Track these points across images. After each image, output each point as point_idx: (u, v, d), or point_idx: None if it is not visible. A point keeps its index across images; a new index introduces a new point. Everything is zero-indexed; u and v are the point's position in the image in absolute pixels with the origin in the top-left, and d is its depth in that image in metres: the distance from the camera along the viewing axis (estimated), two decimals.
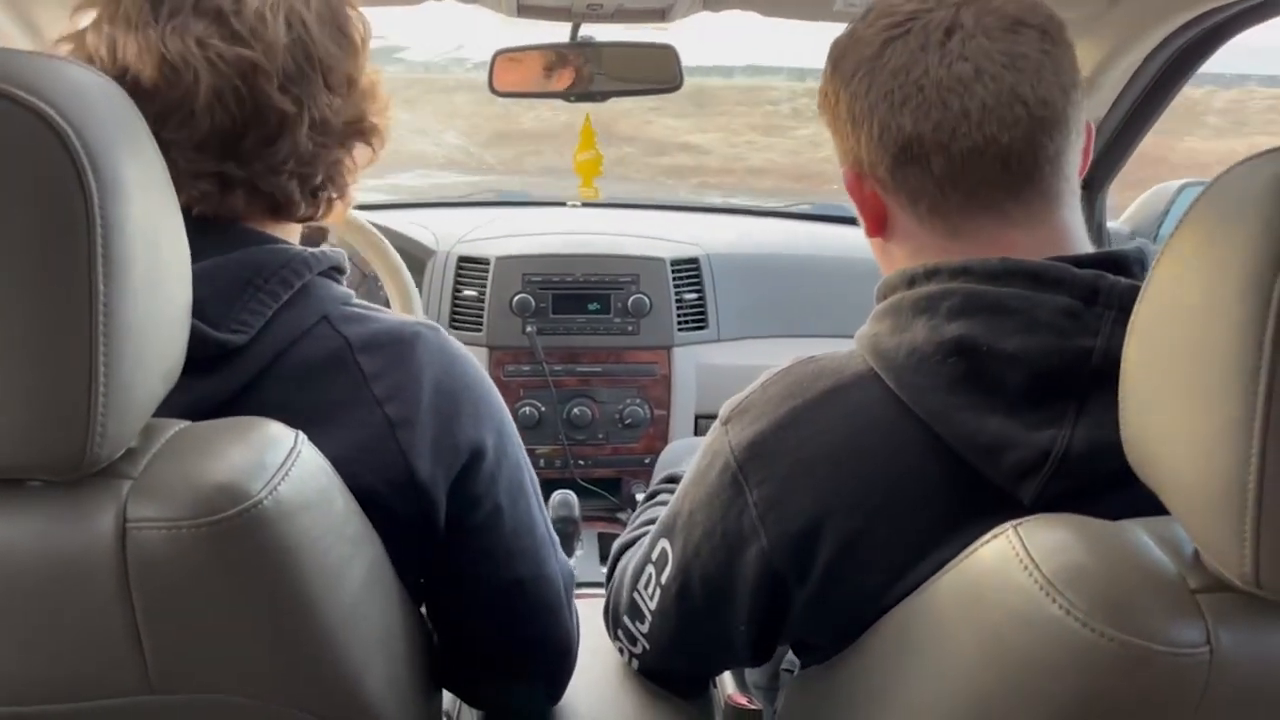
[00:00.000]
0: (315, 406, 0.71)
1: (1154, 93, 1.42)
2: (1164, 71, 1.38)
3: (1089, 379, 0.66)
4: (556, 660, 0.93)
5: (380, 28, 0.85)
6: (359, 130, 0.80)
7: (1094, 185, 1.58)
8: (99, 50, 0.72)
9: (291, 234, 0.83)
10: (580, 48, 1.61)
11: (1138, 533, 0.57)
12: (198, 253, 0.65)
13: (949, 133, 0.72)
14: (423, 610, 0.87)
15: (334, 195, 0.81)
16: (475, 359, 0.84)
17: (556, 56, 1.64)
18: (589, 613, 1.01)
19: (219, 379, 0.69)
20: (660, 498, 1.10)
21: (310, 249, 0.77)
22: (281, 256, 0.74)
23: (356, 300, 0.80)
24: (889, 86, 0.74)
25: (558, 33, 1.60)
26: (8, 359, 0.53)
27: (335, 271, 0.80)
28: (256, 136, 0.73)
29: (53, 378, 0.53)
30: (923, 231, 0.77)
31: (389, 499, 0.73)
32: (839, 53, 0.79)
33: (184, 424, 0.63)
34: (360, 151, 0.83)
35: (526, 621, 0.87)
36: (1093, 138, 0.79)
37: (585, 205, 2.30)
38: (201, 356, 0.66)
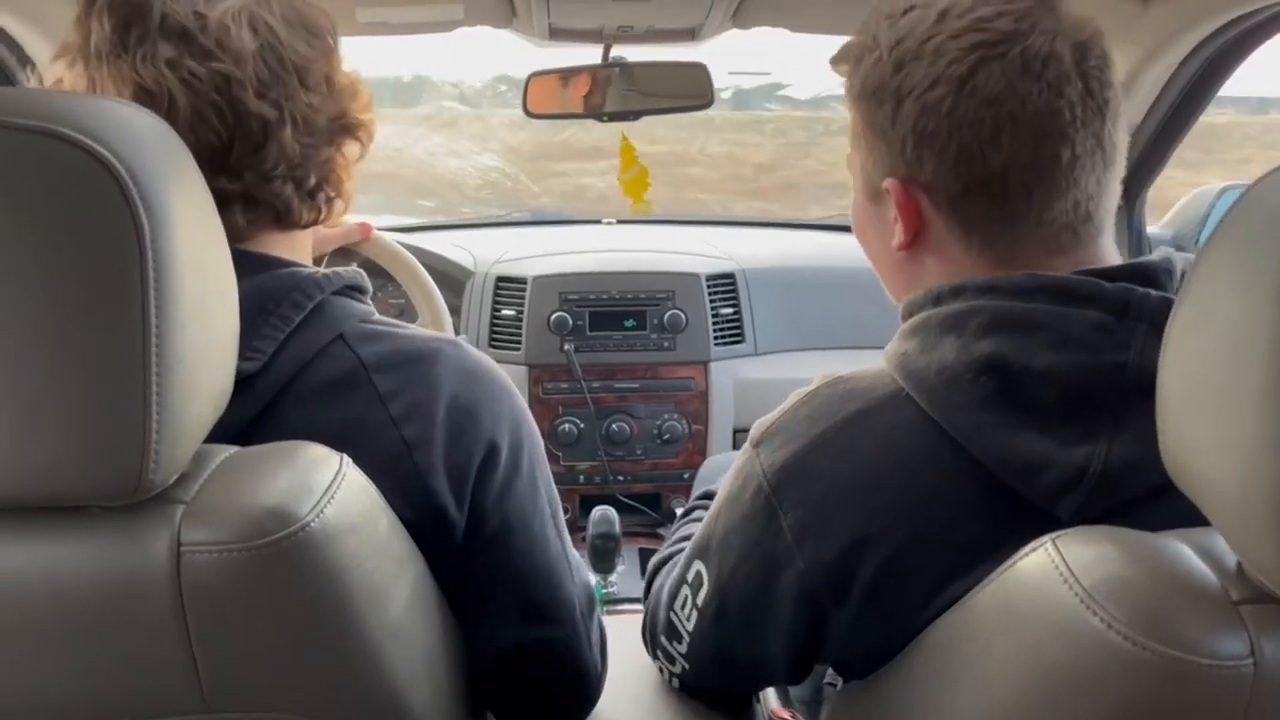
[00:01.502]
0: (334, 426, 0.72)
1: (1190, 97, 1.40)
2: (1200, 76, 1.37)
3: (1123, 394, 0.65)
4: (570, 685, 0.91)
5: None
6: (344, 127, 0.80)
7: (1131, 191, 1.57)
8: (77, 89, 0.73)
9: (301, 245, 0.83)
10: (612, 68, 1.62)
11: (1178, 544, 0.56)
12: None
13: (1035, 176, 0.71)
14: None
15: (332, 194, 0.81)
16: (502, 373, 0.83)
17: (589, 77, 1.65)
18: (632, 627, 1.01)
19: (238, 405, 0.69)
20: (697, 514, 1.10)
21: (323, 270, 0.77)
22: (291, 280, 0.74)
23: (379, 318, 0.80)
24: (981, 114, 0.70)
25: (590, 55, 1.62)
26: (67, 390, 0.55)
27: (353, 290, 0.79)
28: (243, 146, 0.73)
29: (110, 407, 0.55)
30: (967, 256, 0.75)
31: (412, 521, 0.73)
32: (905, 55, 0.73)
33: (233, 449, 0.65)
34: (350, 148, 0.82)
35: (538, 643, 0.86)
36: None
37: (620, 222, 2.32)
38: None
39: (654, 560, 1.04)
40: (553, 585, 0.85)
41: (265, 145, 0.74)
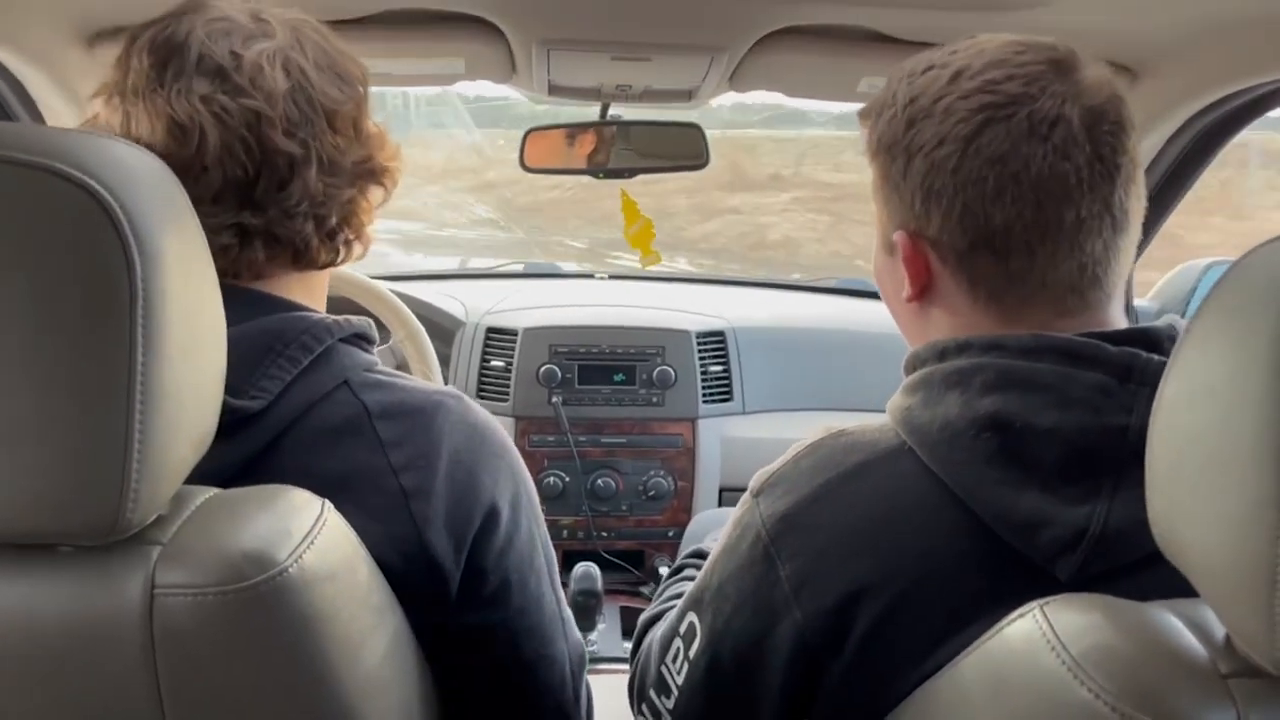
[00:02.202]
0: (332, 472, 0.72)
1: (1177, 175, 1.43)
2: (1186, 153, 1.39)
3: (1124, 456, 0.65)
4: None
5: None
6: (368, 170, 0.82)
7: None
8: (111, 124, 0.75)
9: (316, 289, 0.84)
10: (609, 125, 1.65)
11: (1168, 615, 0.56)
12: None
13: (1039, 235, 0.72)
14: None
15: (351, 237, 0.82)
16: (501, 428, 0.84)
17: (588, 135, 1.68)
18: (613, 688, 0.99)
19: (236, 444, 0.70)
20: (687, 572, 1.09)
21: (334, 316, 0.78)
22: (303, 323, 0.75)
23: (382, 368, 0.80)
24: (984, 173, 0.71)
25: (588, 113, 1.64)
26: (47, 425, 0.54)
27: (361, 339, 0.80)
28: (268, 182, 0.75)
29: (90, 444, 0.54)
30: (973, 311, 0.76)
31: (401, 571, 0.72)
32: (918, 113, 0.75)
33: (213, 491, 0.64)
34: (374, 193, 0.84)
35: (526, 703, 0.85)
36: None
37: (612, 277, 2.33)
38: (219, 423, 0.67)
39: (644, 617, 1.03)
40: (545, 643, 0.85)
41: (290, 182, 0.75)
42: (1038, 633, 0.56)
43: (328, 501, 0.65)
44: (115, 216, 0.54)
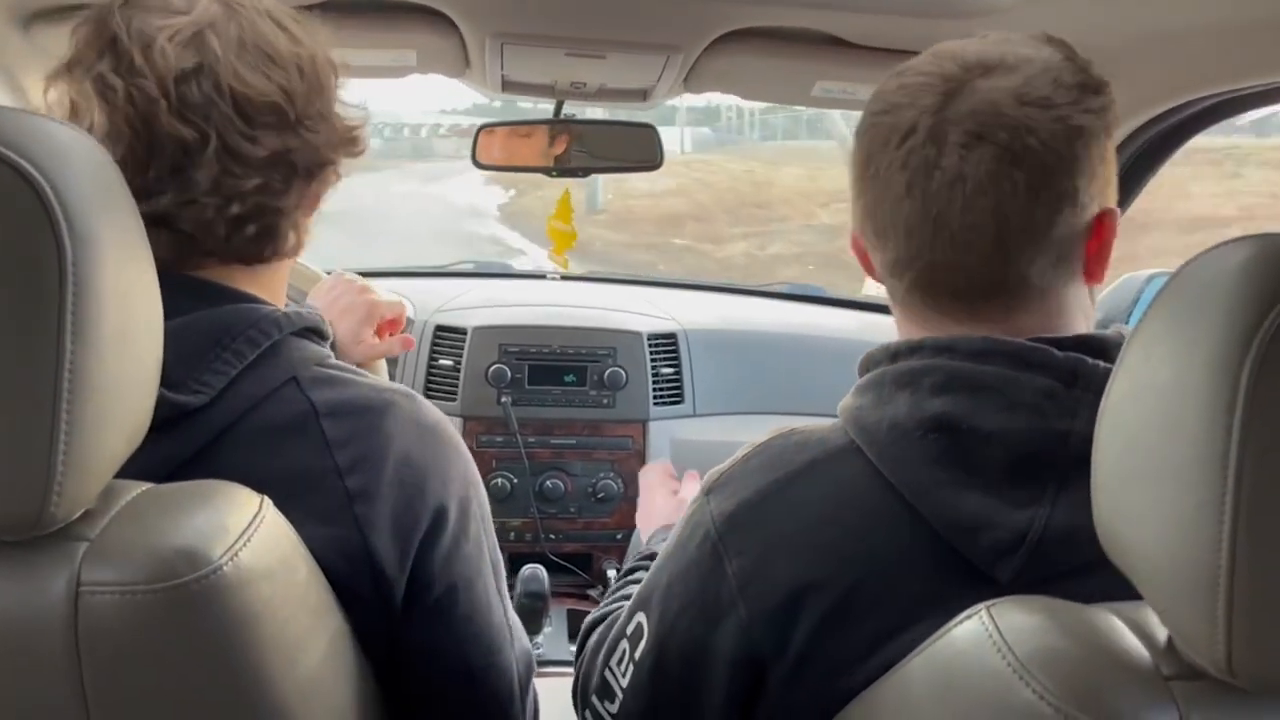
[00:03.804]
0: (275, 472, 0.69)
1: (1123, 182, 1.45)
2: (1133, 163, 1.42)
3: (1067, 461, 0.66)
4: None
5: None
6: (288, 162, 0.75)
7: None
8: (63, 105, 0.72)
9: (267, 282, 0.80)
10: (563, 124, 1.64)
11: (1110, 618, 0.56)
12: (169, 311, 0.63)
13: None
14: None
15: (264, 230, 0.76)
16: (453, 429, 0.82)
17: (540, 132, 1.66)
18: (559, 691, 0.98)
19: (175, 441, 0.67)
20: (637, 574, 1.08)
21: (284, 309, 0.75)
22: (252, 316, 0.72)
23: (334, 362, 0.78)
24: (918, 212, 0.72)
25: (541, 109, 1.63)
26: None
27: (313, 333, 0.77)
28: (160, 168, 0.70)
29: (11, 434, 0.52)
30: (925, 312, 0.77)
31: (345, 574, 0.70)
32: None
33: (146, 486, 0.62)
34: (304, 186, 0.77)
35: (474, 713, 0.84)
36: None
37: (565, 278, 2.32)
38: (157, 418, 0.64)
39: (589, 619, 1.02)
40: (492, 652, 0.83)
41: (185, 169, 0.71)
42: (984, 634, 0.56)
43: (266, 498, 0.63)
44: (45, 197, 0.52)
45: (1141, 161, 1.42)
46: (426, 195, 14.63)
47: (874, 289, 3.05)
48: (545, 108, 1.63)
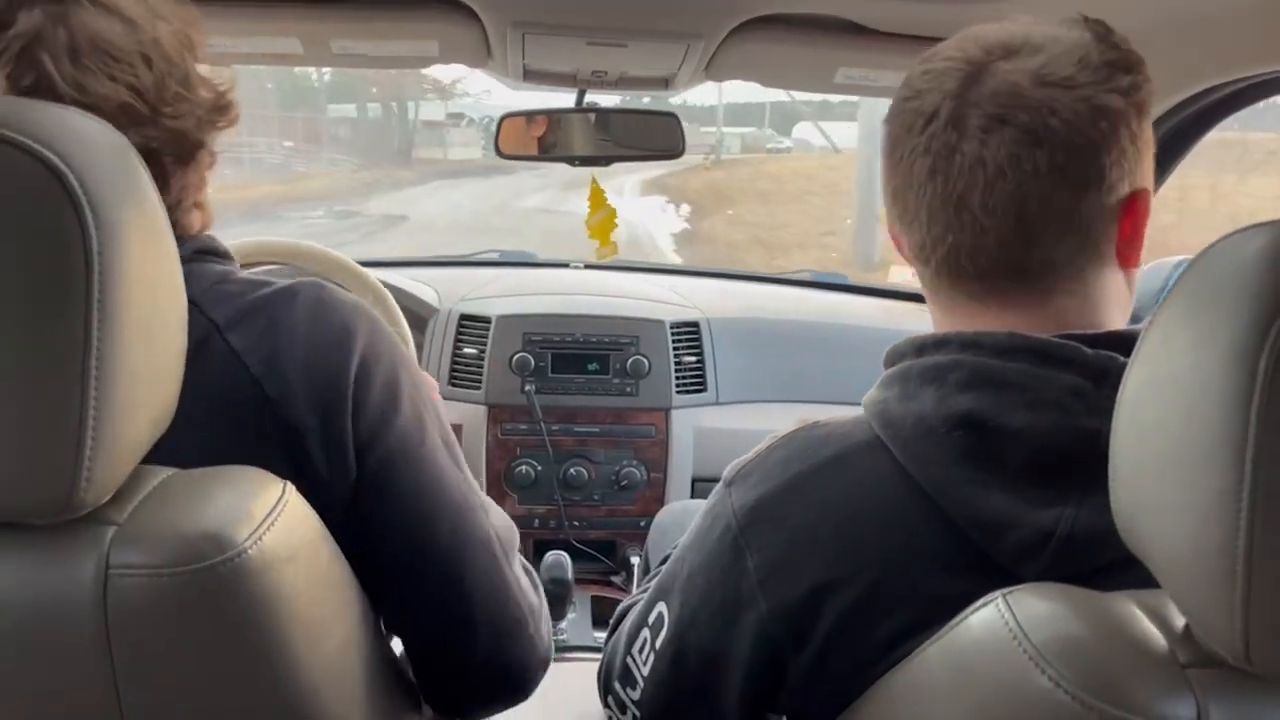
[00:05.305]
0: (194, 394, 0.66)
1: (1157, 163, 1.43)
2: (1166, 143, 1.40)
3: (1095, 461, 0.64)
4: (503, 630, 0.85)
5: None
6: (154, 160, 0.69)
7: None
8: None
9: None
10: (585, 113, 1.64)
11: (1128, 605, 0.56)
12: None
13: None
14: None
15: None
16: (367, 309, 0.78)
17: (561, 121, 1.67)
18: (583, 677, 0.99)
19: None
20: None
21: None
22: None
23: (240, 276, 0.75)
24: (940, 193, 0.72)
25: (564, 98, 1.64)
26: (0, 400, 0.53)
27: (208, 255, 0.75)
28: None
29: (43, 421, 0.53)
30: (954, 303, 0.76)
31: (279, 460, 0.68)
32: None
33: (172, 470, 0.63)
34: (181, 177, 0.74)
35: (463, 589, 0.81)
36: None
37: (588, 267, 2.32)
38: None
39: (621, 605, 1.02)
40: (460, 520, 0.80)
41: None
42: (1000, 621, 0.56)
43: (289, 483, 0.64)
44: (71, 187, 0.53)
45: (1173, 142, 1.40)
46: (561, 212, 13.09)
47: (898, 277, 3.03)
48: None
